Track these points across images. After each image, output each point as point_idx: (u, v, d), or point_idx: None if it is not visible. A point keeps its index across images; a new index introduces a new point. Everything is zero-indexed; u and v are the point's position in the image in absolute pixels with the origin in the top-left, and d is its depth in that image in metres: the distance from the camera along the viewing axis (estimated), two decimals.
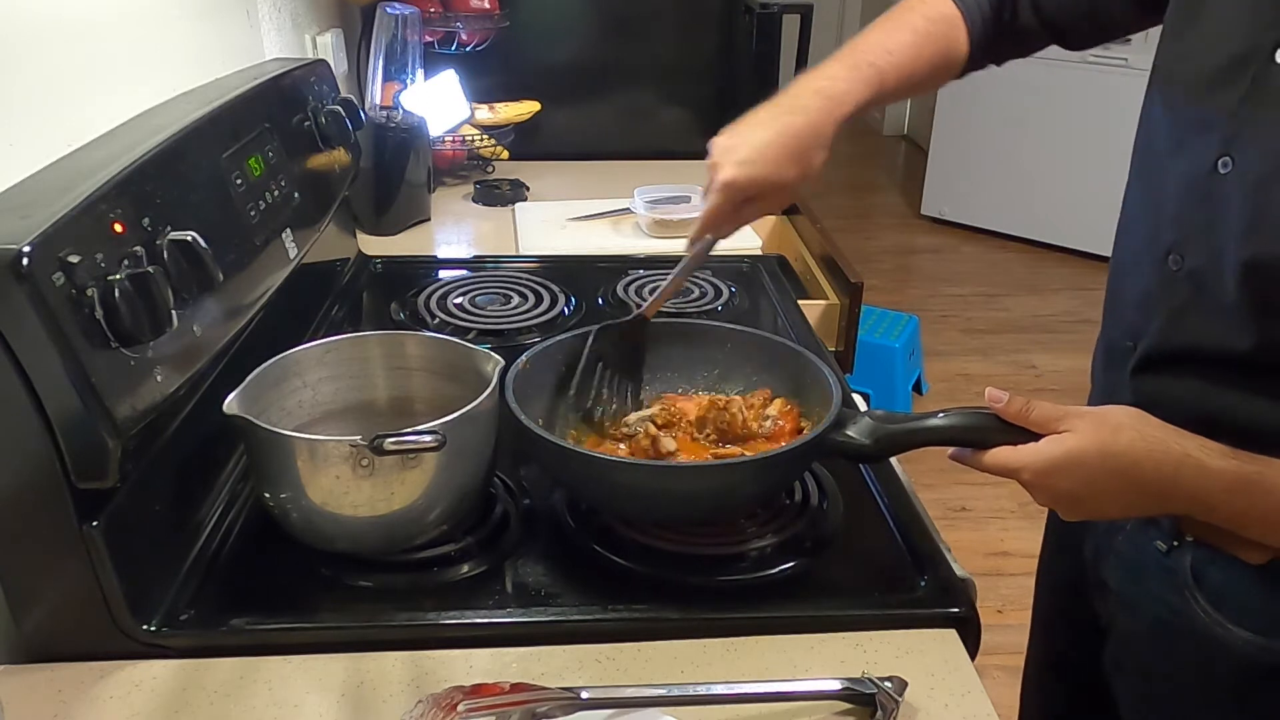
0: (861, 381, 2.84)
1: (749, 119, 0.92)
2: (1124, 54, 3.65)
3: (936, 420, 0.81)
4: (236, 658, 0.78)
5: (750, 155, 0.89)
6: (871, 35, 0.97)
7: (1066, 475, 0.73)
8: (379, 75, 1.73)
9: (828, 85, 0.92)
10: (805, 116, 0.90)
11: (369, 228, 1.67)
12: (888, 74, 0.94)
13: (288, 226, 1.06)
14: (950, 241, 4.46)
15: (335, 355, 0.95)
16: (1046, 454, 0.73)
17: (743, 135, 0.91)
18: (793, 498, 0.95)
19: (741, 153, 0.89)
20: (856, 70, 0.93)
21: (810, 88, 0.92)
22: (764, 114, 0.92)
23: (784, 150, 0.89)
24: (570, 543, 0.90)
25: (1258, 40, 0.71)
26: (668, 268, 1.52)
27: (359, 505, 0.80)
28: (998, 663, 1.21)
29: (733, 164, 0.89)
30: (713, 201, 0.92)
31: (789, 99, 0.92)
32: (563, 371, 1.01)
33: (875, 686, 0.72)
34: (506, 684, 0.71)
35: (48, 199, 0.72)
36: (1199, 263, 0.76)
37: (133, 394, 0.72)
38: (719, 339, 1.05)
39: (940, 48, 0.97)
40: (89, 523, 0.72)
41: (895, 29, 0.96)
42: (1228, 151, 0.73)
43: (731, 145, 0.91)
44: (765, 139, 0.89)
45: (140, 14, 1.06)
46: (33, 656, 0.77)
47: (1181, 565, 0.81)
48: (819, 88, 0.92)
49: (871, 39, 0.96)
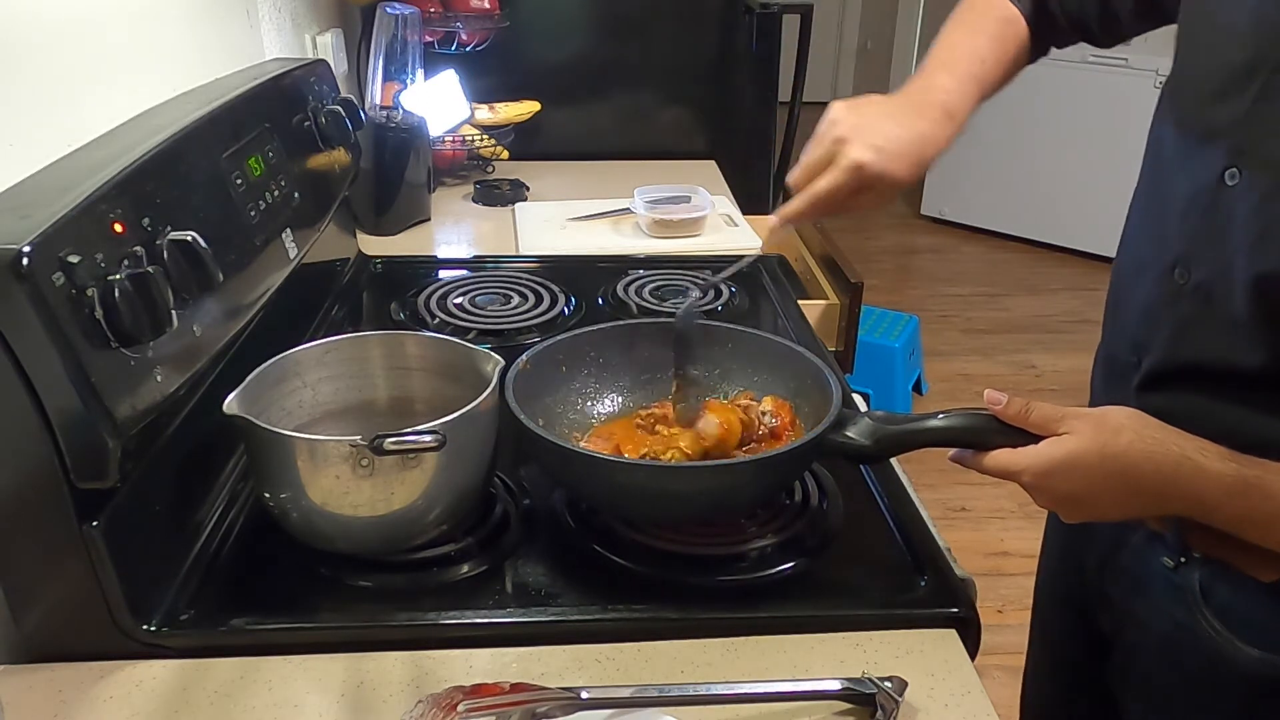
0: (861, 382, 2.84)
1: (879, 105, 0.88)
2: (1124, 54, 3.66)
3: (936, 421, 0.81)
4: (236, 658, 0.78)
5: (885, 144, 0.84)
6: (960, 41, 0.95)
7: (1066, 477, 0.73)
8: (379, 75, 1.73)
9: (945, 99, 0.90)
10: (932, 126, 0.88)
11: (369, 228, 1.67)
12: (984, 84, 0.93)
13: (288, 226, 1.06)
14: (950, 241, 4.46)
15: (335, 355, 0.95)
16: (1046, 456, 0.73)
17: (873, 121, 0.86)
18: (793, 498, 0.95)
19: (877, 139, 0.84)
20: (963, 84, 0.92)
21: (931, 99, 0.90)
22: (893, 107, 0.88)
23: (912, 151, 0.86)
24: (570, 543, 0.90)
25: (1265, 51, 0.70)
26: (668, 268, 1.53)
27: (359, 505, 0.80)
28: (998, 663, 1.21)
29: (869, 146, 0.84)
30: (836, 180, 0.85)
31: (916, 103, 0.89)
32: (564, 371, 1.01)
33: (875, 686, 0.72)
34: (506, 684, 0.71)
35: (48, 199, 0.72)
36: (1206, 276, 0.75)
37: (133, 394, 0.72)
38: (720, 339, 1.05)
39: (1013, 50, 0.97)
40: (89, 523, 0.72)
41: (976, 35, 0.95)
42: (1235, 163, 0.72)
43: (864, 126, 0.85)
44: (899, 134, 0.86)
45: (140, 14, 1.06)
46: (33, 656, 0.77)
47: (1189, 581, 0.80)
48: (940, 101, 0.90)
49: (963, 46, 0.95)
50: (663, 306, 1.40)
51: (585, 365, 1.03)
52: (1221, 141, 0.73)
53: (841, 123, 0.86)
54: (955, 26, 0.98)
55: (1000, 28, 0.96)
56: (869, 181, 0.85)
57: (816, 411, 0.91)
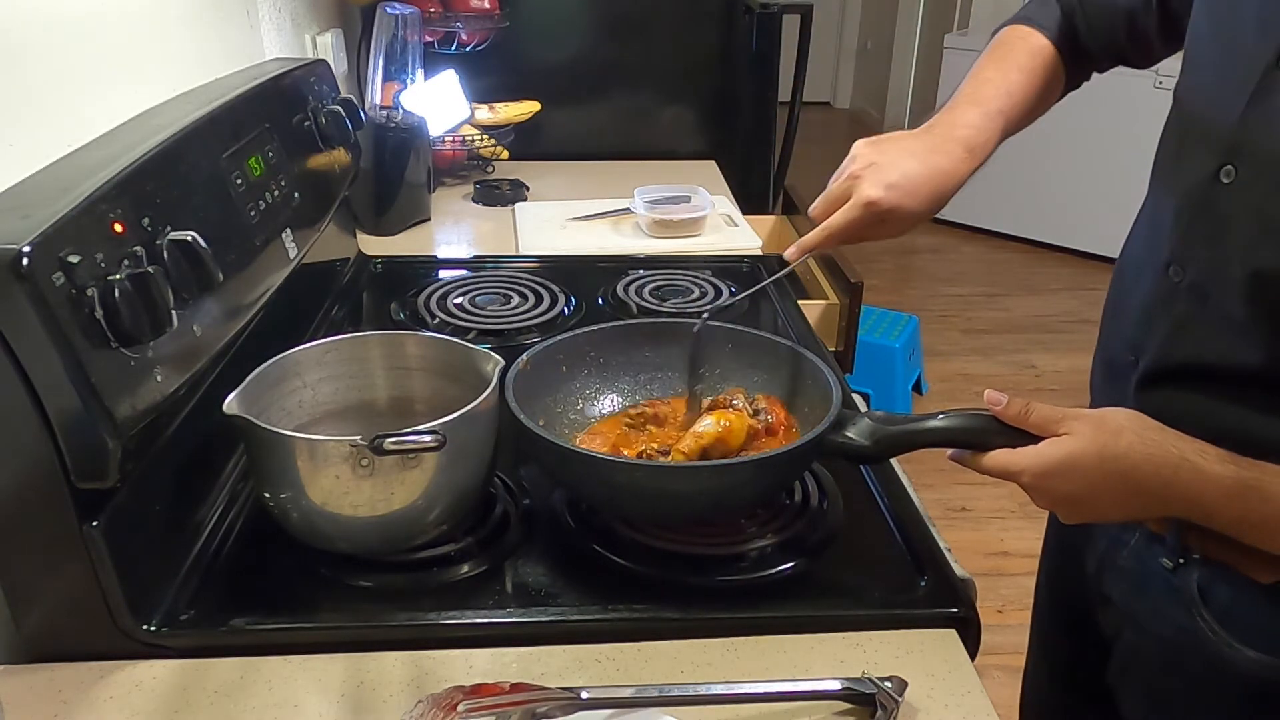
0: (861, 382, 2.84)
1: (897, 143, 0.93)
2: None
3: (936, 422, 0.81)
4: (236, 658, 0.78)
5: (899, 181, 0.89)
6: (990, 76, 0.98)
7: (1066, 478, 0.73)
8: (379, 75, 1.73)
9: (969, 135, 0.93)
10: (950, 162, 0.91)
11: (369, 228, 1.67)
12: (1011, 118, 0.96)
13: (288, 226, 1.06)
14: (950, 241, 4.46)
15: (335, 355, 0.95)
16: (1046, 456, 0.73)
17: (892, 158, 0.91)
18: (793, 498, 0.95)
19: (891, 176, 0.89)
20: (989, 119, 0.94)
21: (954, 135, 0.93)
22: (914, 144, 0.92)
23: (928, 187, 0.90)
24: (570, 543, 0.90)
25: (1261, 47, 0.71)
26: (668, 268, 1.53)
27: (359, 505, 0.80)
28: (998, 663, 1.21)
29: (881, 185, 0.89)
30: (850, 216, 0.90)
31: (937, 139, 0.93)
32: (564, 371, 1.01)
33: (875, 686, 0.72)
34: (506, 684, 0.71)
35: (48, 199, 0.72)
36: (1200, 275, 0.76)
37: (133, 394, 0.72)
38: (720, 339, 1.05)
39: (1044, 81, 0.99)
40: (89, 523, 0.72)
41: (1008, 68, 0.98)
42: (1230, 160, 0.72)
43: (881, 164, 0.90)
44: (916, 171, 0.90)
45: (140, 14, 1.06)
46: (33, 656, 0.77)
47: (1188, 583, 0.81)
48: (962, 137, 0.93)
49: (992, 81, 0.97)
50: (663, 307, 1.40)
51: (585, 365, 1.03)
52: (1217, 137, 0.74)
53: (859, 159, 0.91)
54: (987, 62, 1.00)
55: (1031, 60, 0.98)
56: (882, 216, 0.89)
57: (816, 412, 0.91)
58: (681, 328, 1.04)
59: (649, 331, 1.06)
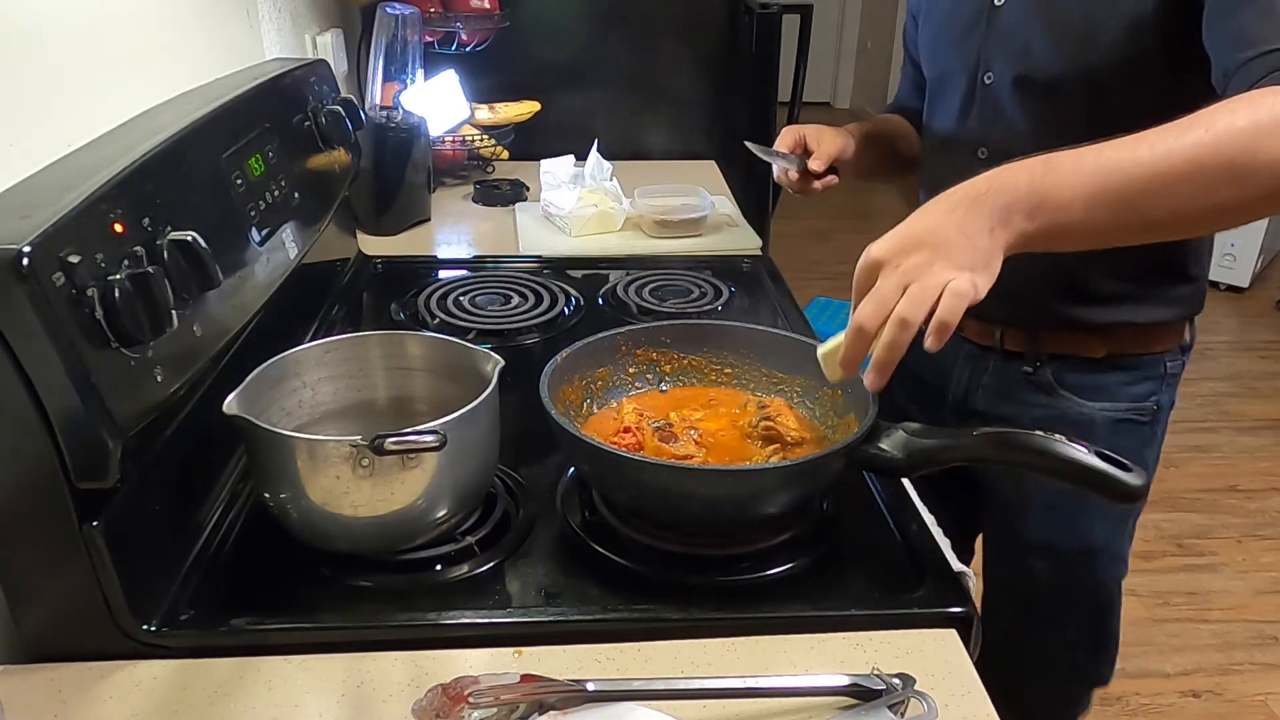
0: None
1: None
2: None
3: (971, 438, 0.81)
4: (236, 658, 0.78)
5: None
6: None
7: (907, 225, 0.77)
8: (379, 75, 1.73)
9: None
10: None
11: (369, 228, 1.67)
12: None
13: (288, 226, 1.06)
14: None
15: (335, 355, 0.95)
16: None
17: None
18: None
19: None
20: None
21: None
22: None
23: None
24: (570, 543, 0.90)
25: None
26: (668, 268, 1.53)
27: (359, 505, 0.80)
28: None
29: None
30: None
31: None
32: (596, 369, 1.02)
33: (883, 682, 0.72)
34: (516, 675, 0.71)
35: (48, 199, 0.72)
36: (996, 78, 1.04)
37: (133, 394, 0.72)
38: (733, 339, 1.05)
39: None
40: (89, 523, 0.71)
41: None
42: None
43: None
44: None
45: (140, 14, 1.06)
46: (33, 656, 0.77)
47: (1044, 376, 1.13)
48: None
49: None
50: (663, 307, 1.40)
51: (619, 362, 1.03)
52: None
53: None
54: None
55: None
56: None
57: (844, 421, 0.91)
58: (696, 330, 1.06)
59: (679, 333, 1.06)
